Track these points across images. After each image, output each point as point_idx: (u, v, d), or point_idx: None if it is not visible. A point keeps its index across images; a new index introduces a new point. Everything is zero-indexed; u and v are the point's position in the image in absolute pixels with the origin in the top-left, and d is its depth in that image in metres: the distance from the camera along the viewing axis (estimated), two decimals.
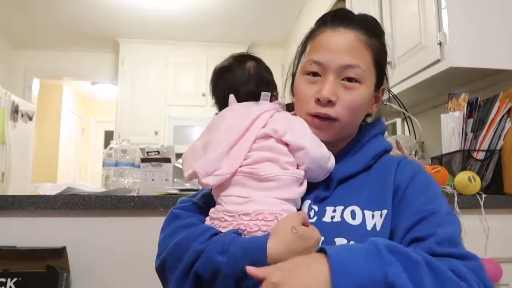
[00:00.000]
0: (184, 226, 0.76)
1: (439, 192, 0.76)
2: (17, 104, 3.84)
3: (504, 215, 1.34)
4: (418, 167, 0.80)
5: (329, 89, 0.76)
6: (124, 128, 4.50)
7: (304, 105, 0.79)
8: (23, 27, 4.42)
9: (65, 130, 6.06)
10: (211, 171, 0.73)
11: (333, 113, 0.76)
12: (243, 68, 0.83)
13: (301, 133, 0.76)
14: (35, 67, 4.91)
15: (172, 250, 0.72)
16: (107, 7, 3.94)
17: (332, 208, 0.75)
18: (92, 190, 1.38)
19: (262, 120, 0.78)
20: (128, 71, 4.64)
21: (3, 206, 1.28)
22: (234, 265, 0.64)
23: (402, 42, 1.84)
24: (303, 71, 0.80)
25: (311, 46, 0.81)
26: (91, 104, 7.01)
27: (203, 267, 0.66)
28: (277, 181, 0.72)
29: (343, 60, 0.76)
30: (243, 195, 0.72)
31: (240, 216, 0.71)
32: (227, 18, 4.10)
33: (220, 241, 0.68)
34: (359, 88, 0.77)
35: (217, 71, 0.86)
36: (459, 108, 1.49)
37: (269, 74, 0.86)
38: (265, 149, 0.75)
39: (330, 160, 0.76)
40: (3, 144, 3.59)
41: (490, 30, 1.54)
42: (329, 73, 0.77)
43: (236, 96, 0.81)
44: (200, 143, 0.81)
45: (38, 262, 1.23)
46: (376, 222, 0.72)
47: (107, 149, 1.93)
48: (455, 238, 0.68)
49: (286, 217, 0.70)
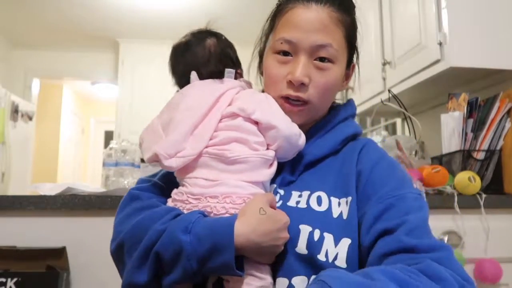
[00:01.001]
0: (144, 207, 0.71)
1: (405, 175, 0.73)
2: (17, 104, 3.84)
3: (504, 215, 1.34)
4: (381, 151, 0.77)
5: (302, 71, 0.72)
6: (124, 128, 4.50)
7: (275, 87, 0.75)
8: (23, 27, 4.42)
9: (65, 130, 6.06)
10: (174, 153, 0.68)
11: (305, 96, 0.73)
12: (203, 46, 0.78)
13: (271, 111, 0.72)
14: (35, 67, 4.91)
15: (131, 231, 0.67)
16: (107, 7, 3.94)
17: (298, 193, 0.72)
18: (92, 190, 1.38)
19: (228, 98, 0.73)
20: (128, 71, 4.64)
21: (3, 206, 1.27)
22: (198, 244, 0.60)
23: (402, 42, 1.84)
24: (273, 49, 0.76)
25: (281, 23, 0.76)
26: (91, 104, 7.01)
27: (165, 247, 0.62)
28: (246, 163, 0.68)
29: (315, 39, 0.72)
30: (210, 177, 0.68)
31: (206, 198, 0.67)
32: (227, 18, 4.09)
33: (184, 220, 0.63)
34: (332, 68, 0.74)
35: (176, 50, 0.81)
36: (459, 108, 1.49)
37: (232, 50, 0.81)
38: (233, 129, 0.70)
39: (301, 137, 0.73)
40: (3, 144, 3.58)
41: (490, 30, 1.54)
42: (301, 52, 0.73)
43: (198, 75, 0.77)
44: (159, 122, 0.75)
45: (38, 262, 1.23)
46: (343, 210, 0.69)
47: (107, 149, 1.93)
48: (424, 225, 0.65)
49: (254, 198, 0.67)
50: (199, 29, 0.82)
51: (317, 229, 0.66)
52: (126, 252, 0.67)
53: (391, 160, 0.76)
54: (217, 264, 0.60)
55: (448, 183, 1.38)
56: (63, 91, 6.09)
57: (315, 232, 0.66)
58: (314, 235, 0.66)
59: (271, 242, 0.63)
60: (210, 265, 0.60)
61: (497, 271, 1.23)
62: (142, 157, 0.76)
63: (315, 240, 0.65)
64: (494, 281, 1.23)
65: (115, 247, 0.70)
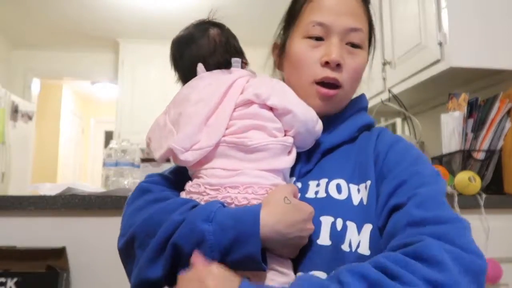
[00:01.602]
0: (157, 199, 0.67)
1: (422, 154, 0.71)
2: (17, 104, 3.84)
3: (504, 215, 1.34)
4: (397, 136, 0.77)
5: (338, 51, 0.71)
6: (124, 128, 4.50)
7: (308, 71, 0.73)
8: (23, 27, 4.42)
9: (65, 130, 6.06)
10: (189, 146, 0.65)
11: (340, 78, 0.71)
12: (208, 36, 0.76)
13: (286, 96, 0.70)
14: (35, 67, 4.91)
15: (143, 224, 0.63)
16: (107, 7, 3.94)
17: (315, 182, 0.70)
18: (92, 190, 1.38)
19: (239, 87, 0.70)
20: (128, 71, 4.64)
21: (3, 206, 1.27)
22: (221, 234, 0.56)
23: (402, 42, 1.84)
24: (304, 33, 0.74)
25: (310, 7, 0.75)
26: (91, 104, 7.01)
27: (184, 238, 0.57)
28: (266, 150, 0.65)
29: (347, 22, 0.72)
30: (229, 167, 0.64)
31: (226, 188, 0.63)
32: (227, 18, 4.09)
33: (205, 209, 0.59)
34: (361, 53, 0.74)
35: (178, 43, 0.78)
36: (459, 108, 1.49)
37: (235, 40, 0.79)
38: (249, 117, 0.67)
39: (318, 123, 0.71)
40: (3, 144, 3.59)
41: (490, 30, 1.54)
42: (333, 35, 0.72)
43: (205, 67, 0.74)
44: (167, 118, 0.72)
45: (38, 262, 1.23)
46: (363, 196, 0.67)
47: (107, 149, 1.93)
48: (437, 197, 0.61)
49: (278, 187, 0.64)
50: (200, 20, 0.80)
51: (339, 218, 0.64)
52: (138, 246, 0.63)
53: (408, 142, 0.75)
54: (241, 256, 0.56)
55: (448, 183, 1.38)
56: (63, 91, 6.08)
57: (337, 221, 0.64)
58: (336, 225, 0.64)
59: (297, 233, 0.60)
60: (233, 257, 0.56)
61: (497, 271, 1.23)
62: (153, 157, 0.73)
63: (338, 230, 0.63)
64: (494, 281, 1.23)
65: (124, 242, 0.65)
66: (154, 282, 0.60)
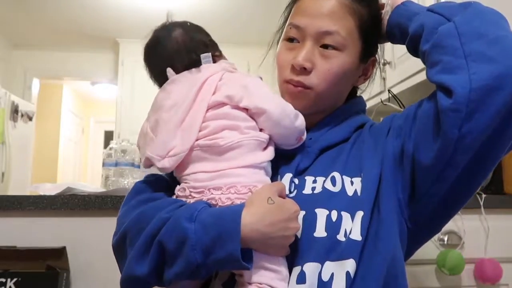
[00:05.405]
0: (150, 199, 0.70)
1: None
2: (17, 104, 3.84)
3: (504, 215, 1.34)
4: None
5: (304, 55, 0.72)
6: (124, 128, 4.49)
7: (281, 72, 0.76)
8: (23, 27, 4.42)
9: (65, 130, 6.06)
10: (165, 153, 0.67)
11: (306, 82, 0.73)
12: (171, 39, 0.75)
13: (260, 95, 0.69)
14: (35, 67, 4.90)
15: (134, 221, 0.65)
16: (107, 7, 3.94)
17: (312, 178, 0.71)
18: (92, 190, 1.38)
19: (210, 86, 0.70)
20: (128, 71, 4.64)
21: (3, 206, 1.27)
22: (203, 233, 0.58)
23: None
24: (284, 36, 0.78)
25: (294, 10, 0.78)
26: (91, 104, 7.01)
27: (168, 236, 0.59)
28: (239, 148, 0.66)
29: (321, 25, 0.72)
30: (209, 169, 0.66)
31: (210, 190, 0.64)
32: (227, 18, 4.10)
33: (189, 208, 0.61)
34: (338, 56, 0.73)
35: (145, 50, 0.78)
36: None
37: (202, 34, 0.78)
38: (221, 117, 0.68)
39: (298, 118, 0.71)
40: (3, 144, 3.58)
41: None
42: (307, 38, 0.73)
43: (174, 70, 0.74)
44: (148, 125, 0.74)
45: (38, 262, 1.23)
46: (357, 188, 0.68)
47: (107, 149, 1.93)
48: None
49: (262, 187, 0.65)
50: (162, 23, 0.79)
51: (334, 210, 0.65)
52: (129, 243, 0.65)
53: None
54: (222, 255, 0.57)
55: None
56: (63, 91, 6.08)
57: (332, 213, 0.65)
58: (331, 216, 0.65)
59: (280, 232, 0.60)
60: (215, 257, 0.57)
61: (497, 271, 1.23)
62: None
63: (333, 221, 0.64)
64: (494, 281, 1.23)
65: (117, 239, 0.67)
66: (141, 278, 0.61)
